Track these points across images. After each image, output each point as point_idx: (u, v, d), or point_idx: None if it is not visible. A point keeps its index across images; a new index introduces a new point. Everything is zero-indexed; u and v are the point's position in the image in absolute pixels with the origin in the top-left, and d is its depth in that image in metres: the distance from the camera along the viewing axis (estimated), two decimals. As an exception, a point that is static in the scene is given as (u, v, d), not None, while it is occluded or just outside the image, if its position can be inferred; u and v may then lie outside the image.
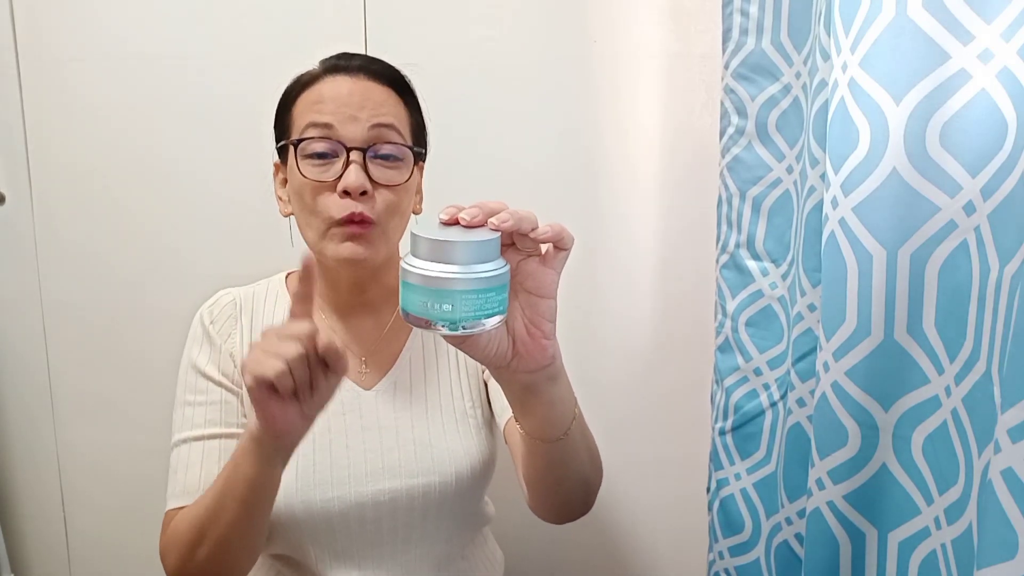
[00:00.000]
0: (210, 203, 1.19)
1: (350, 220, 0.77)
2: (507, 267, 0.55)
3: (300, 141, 0.78)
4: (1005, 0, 0.58)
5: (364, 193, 0.77)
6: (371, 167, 0.78)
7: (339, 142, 0.77)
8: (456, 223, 0.54)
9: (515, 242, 0.57)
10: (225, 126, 1.16)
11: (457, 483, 0.82)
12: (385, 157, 0.79)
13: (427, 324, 0.53)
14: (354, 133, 0.77)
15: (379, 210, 0.78)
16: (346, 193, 0.76)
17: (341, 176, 0.76)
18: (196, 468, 0.80)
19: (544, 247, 0.58)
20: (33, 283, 1.25)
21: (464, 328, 0.53)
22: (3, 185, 1.23)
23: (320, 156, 0.78)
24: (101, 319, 1.24)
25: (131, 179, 1.20)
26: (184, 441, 0.81)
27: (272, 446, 0.65)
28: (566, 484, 0.74)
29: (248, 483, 0.67)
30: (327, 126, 0.77)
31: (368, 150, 0.77)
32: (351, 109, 0.77)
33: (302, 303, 0.63)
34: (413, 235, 0.53)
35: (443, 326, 0.52)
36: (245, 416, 0.83)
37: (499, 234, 0.54)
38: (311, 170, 0.78)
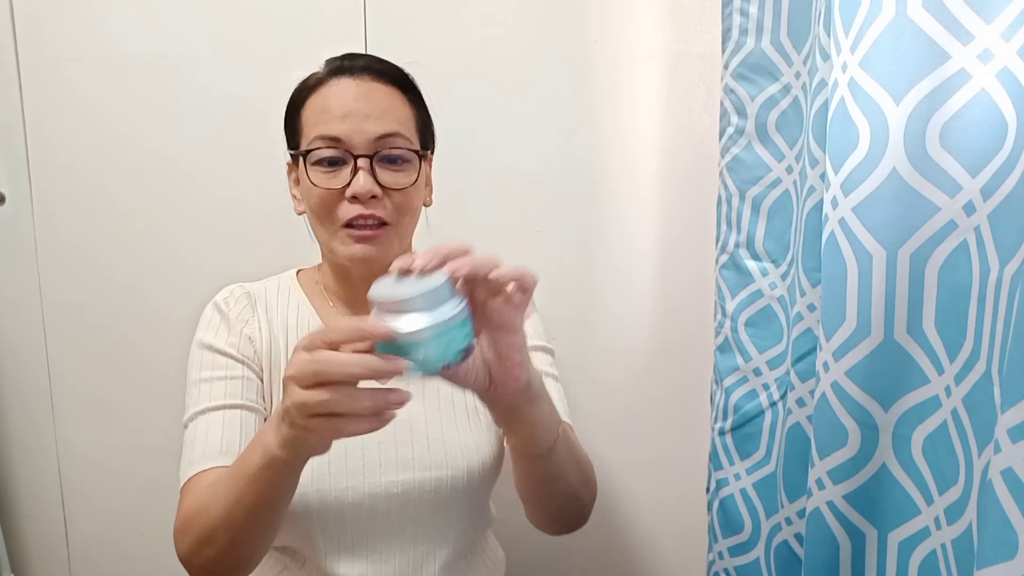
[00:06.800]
0: (210, 203, 1.19)
1: (361, 223, 0.79)
2: (464, 301, 0.57)
3: (308, 152, 0.80)
4: (1005, 0, 0.58)
5: (374, 197, 0.79)
6: (379, 171, 0.79)
7: (347, 151, 0.79)
8: (411, 272, 0.56)
9: (477, 286, 0.59)
10: (225, 126, 1.16)
11: (468, 478, 0.83)
12: (392, 161, 0.80)
13: (401, 373, 0.55)
14: (361, 142, 0.79)
15: (390, 211, 0.81)
16: (355, 198, 0.78)
17: (350, 183, 0.78)
18: (217, 432, 0.78)
19: (510, 286, 0.59)
20: (33, 283, 1.25)
21: (438, 371, 0.56)
22: (3, 185, 1.23)
23: (330, 163, 0.80)
24: (101, 319, 1.24)
25: (131, 179, 1.20)
26: (203, 412, 0.79)
27: (307, 457, 0.63)
28: (555, 499, 0.77)
29: (272, 487, 0.65)
30: (335, 139, 0.79)
31: (375, 156, 0.79)
32: (357, 120, 0.79)
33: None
34: (370, 299, 0.55)
35: (418, 374, 0.56)
36: (264, 398, 0.83)
37: (449, 277, 0.55)
38: (320, 177, 0.80)
